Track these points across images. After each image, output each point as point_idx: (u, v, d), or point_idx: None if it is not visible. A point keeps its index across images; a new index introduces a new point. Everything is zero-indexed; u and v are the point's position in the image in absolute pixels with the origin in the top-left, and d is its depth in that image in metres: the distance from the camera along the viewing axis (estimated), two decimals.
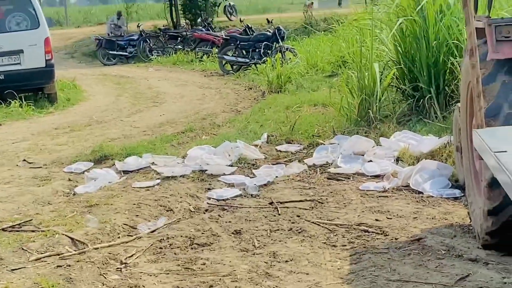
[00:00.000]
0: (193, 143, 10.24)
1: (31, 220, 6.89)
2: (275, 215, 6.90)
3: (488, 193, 5.10)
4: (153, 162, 9.10)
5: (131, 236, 6.49)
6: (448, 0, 10.22)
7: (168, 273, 5.52)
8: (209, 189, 8.00)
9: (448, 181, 7.48)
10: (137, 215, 7.04)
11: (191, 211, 7.20)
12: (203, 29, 28.25)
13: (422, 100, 10.14)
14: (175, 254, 5.94)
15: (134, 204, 7.38)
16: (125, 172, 8.88)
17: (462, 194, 6.95)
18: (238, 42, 21.36)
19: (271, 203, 7.30)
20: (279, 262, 5.63)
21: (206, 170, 8.63)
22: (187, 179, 8.40)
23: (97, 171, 8.82)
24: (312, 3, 36.64)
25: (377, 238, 6.05)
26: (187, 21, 34.73)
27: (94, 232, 6.48)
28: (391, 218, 6.57)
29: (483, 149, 3.66)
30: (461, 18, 9.57)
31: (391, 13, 11.28)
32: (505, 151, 3.40)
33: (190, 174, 8.54)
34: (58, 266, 5.70)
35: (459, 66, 8.53)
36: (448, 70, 10.13)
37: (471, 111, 5.82)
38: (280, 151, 9.61)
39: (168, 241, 6.23)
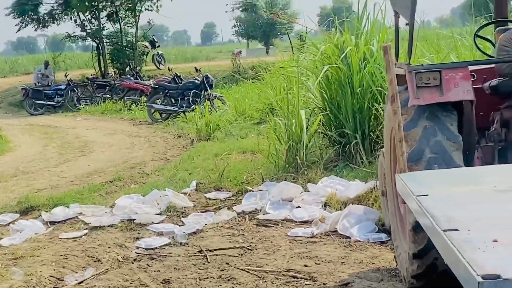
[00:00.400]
0: (122, 192, 10.16)
1: None
2: (204, 263, 6.88)
3: (413, 237, 5.16)
4: (81, 212, 9.01)
5: None
6: (371, 47, 10.44)
7: None
8: (137, 238, 7.93)
9: (374, 225, 7.57)
10: (64, 267, 6.93)
11: (119, 261, 7.12)
12: (132, 78, 28.23)
13: (348, 146, 10.29)
14: None
15: (61, 255, 7.27)
16: (52, 223, 8.76)
17: (389, 238, 7.03)
18: (166, 91, 21.40)
19: (200, 251, 7.28)
20: None
21: (134, 219, 8.57)
22: (116, 229, 8.32)
23: (23, 223, 8.69)
24: (240, 51, 37.01)
25: (305, 284, 6.07)
26: (115, 70, 34.69)
27: (20, 285, 6.35)
28: (319, 264, 6.61)
29: (406, 193, 3.72)
30: (384, 65, 9.75)
31: (316, 61, 11.46)
32: (427, 195, 3.46)
33: (118, 224, 8.47)
34: None
35: (383, 112, 8.69)
36: (372, 116, 10.31)
37: (394, 156, 5.92)
38: (209, 198, 9.61)
39: None
